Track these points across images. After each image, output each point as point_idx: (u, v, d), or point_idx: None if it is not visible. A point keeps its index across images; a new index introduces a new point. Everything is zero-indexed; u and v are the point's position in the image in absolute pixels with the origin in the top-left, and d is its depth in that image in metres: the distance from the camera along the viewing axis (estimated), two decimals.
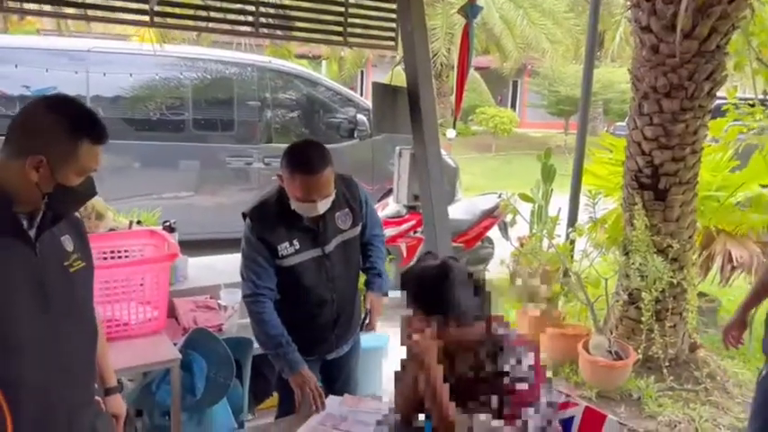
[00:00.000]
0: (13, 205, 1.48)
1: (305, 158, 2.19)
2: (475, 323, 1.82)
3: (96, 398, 1.78)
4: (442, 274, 1.81)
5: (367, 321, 2.54)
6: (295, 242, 2.31)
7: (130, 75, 5.74)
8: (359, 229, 2.48)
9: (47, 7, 3.34)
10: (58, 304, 1.55)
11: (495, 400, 1.74)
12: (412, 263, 2.44)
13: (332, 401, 2.26)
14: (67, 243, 1.61)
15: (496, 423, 1.71)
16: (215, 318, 2.86)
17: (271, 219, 2.30)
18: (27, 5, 3.32)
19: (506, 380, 1.75)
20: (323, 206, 2.24)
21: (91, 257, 1.70)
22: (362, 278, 2.64)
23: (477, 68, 19.83)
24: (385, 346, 3.59)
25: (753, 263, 4.63)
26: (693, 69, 3.77)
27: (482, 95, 20.34)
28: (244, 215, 2.37)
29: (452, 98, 16.41)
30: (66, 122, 1.47)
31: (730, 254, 4.69)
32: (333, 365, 2.60)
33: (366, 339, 2.76)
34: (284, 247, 2.30)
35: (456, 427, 1.72)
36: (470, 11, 3.41)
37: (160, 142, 5.97)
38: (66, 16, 4.02)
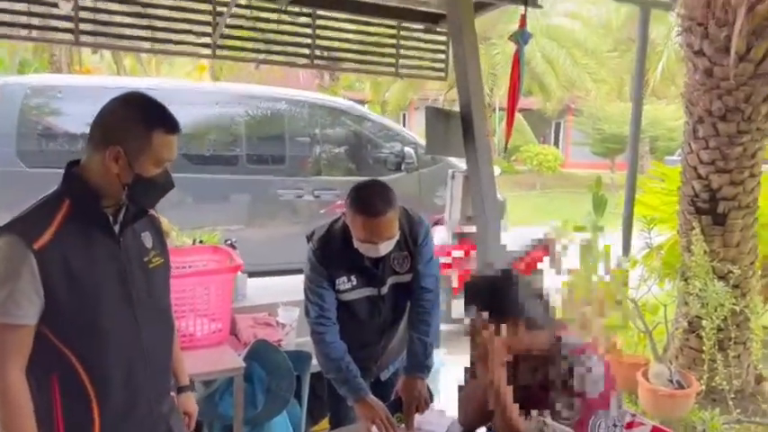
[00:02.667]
0: (101, 201, 1.58)
1: (368, 201, 2.15)
2: (543, 329, 1.81)
3: (171, 393, 1.85)
4: (508, 279, 1.82)
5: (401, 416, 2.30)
6: (353, 278, 2.30)
7: (192, 105, 5.96)
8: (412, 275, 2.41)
9: (118, 41, 3.57)
10: (138, 297, 1.65)
11: (564, 406, 1.72)
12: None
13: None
14: (147, 240, 1.72)
15: (567, 429, 1.69)
16: (274, 334, 2.90)
17: (334, 251, 2.28)
18: (100, 40, 3.53)
19: (576, 387, 1.73)
20: (385, 248, 2.19)
21: (168, 255, 1.79)
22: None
23: (519, 110, 19.85)
24: (439, 368, 3.56)
25: None
26: (750, 92, 3.74)
27: (525, 136, 20.31)
28: (308, 238, 2.37)
29: (496, 138, 16.54)
30: (139, 114, 1.57)
31: None
32: (378, 385, 2.55)
33: None
34: (342, 282, 2.29)
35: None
36: (521, 37, 3.47)
37: (215, 175, 6.16)
38: (135, 50, 4.25)
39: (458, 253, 5.24)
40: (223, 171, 6.23)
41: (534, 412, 1.71)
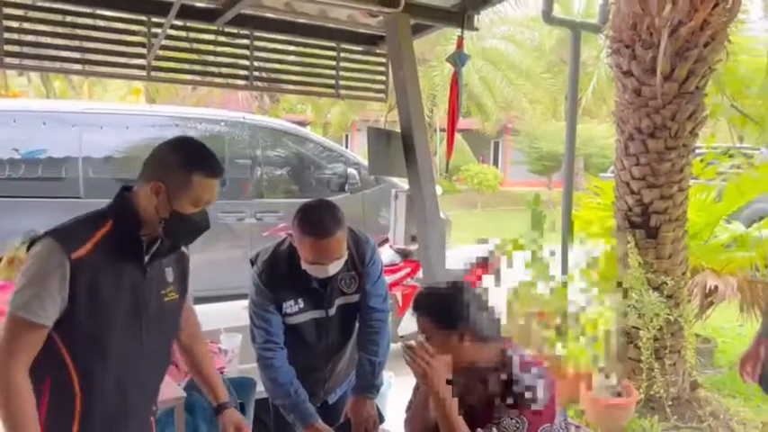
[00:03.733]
0: (141, 229, 1.68)
1: (316, 222, 2.10)
2: (490, 342, 1.83)
3: (151, 418, 1.90)
4: (458, 289, 1.84)
5: None
6: (300, 301, 2.25)
7: (126, 127, 5.77)
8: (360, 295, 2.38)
9: (47, 63, 3.44)
10: (148, 327, 1.72)
11: (511, 421, 1.73)
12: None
13: None
14: (169, 274, 1.79)
15: None
16: (216, 361, 2.81)
17: (280, 274, 2.23)
18: (26, 62, 3.39)
19: (521, 401, 1.75)
20: (333, 268, 2.15)
21: (185, 292, 1.88)
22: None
23: (458, 130, 20.24)
24: (386, 391, 3.53)
25: (726, 292, 4.66)
26: (675, 110, 3.92)
27: (465, 156, 20.74)
28: (252, 261, 2.31)
29: (437, 158, 16.78)
30: (182, 157, 1.68)
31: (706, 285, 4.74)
32: (326, 409, 2.50)
33: None
34: (289, 305, 2.24)
35: None
36: (458, 59, 3.54)
37: None
38: (65, 71, 4.10)
39: (403, 272, 5.25)
40: None
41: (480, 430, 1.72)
